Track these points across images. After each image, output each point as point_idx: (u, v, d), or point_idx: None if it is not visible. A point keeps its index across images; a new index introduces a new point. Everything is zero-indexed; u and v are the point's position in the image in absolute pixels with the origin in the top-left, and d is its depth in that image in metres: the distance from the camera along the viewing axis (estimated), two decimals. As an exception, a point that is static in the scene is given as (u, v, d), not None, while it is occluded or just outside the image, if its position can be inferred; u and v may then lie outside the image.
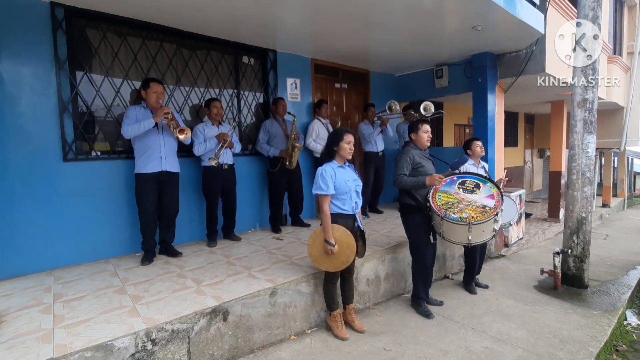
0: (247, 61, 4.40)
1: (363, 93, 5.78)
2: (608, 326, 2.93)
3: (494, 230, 2.91)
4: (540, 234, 6.19)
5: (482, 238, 2.95)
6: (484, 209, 2.85)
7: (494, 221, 2.85)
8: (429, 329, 2.84)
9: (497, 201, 2.88)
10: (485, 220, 2.79)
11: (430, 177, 2.88)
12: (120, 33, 3.45)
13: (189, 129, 3.21)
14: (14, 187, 2.90)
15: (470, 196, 2.96)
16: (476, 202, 2.91)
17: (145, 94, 3.15)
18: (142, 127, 3.03)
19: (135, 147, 3.18)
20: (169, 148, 3.26)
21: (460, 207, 2.88)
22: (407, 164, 2.96)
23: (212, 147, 3.61)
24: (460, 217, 2.82)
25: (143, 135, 3.10)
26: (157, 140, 3.17)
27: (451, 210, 2.87)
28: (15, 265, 2.92)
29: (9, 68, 2.86)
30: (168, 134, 3.24)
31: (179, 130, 3.15)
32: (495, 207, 2.84)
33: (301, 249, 3.52)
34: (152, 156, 3.15)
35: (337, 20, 3.55)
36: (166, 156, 3.21)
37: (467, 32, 3.96)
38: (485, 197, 2.93)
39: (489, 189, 2.98)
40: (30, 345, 1.90)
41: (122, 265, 3.17)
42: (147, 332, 2.04)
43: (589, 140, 3.72)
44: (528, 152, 11.45)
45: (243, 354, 2.43)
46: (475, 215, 2.82)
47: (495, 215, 2.81)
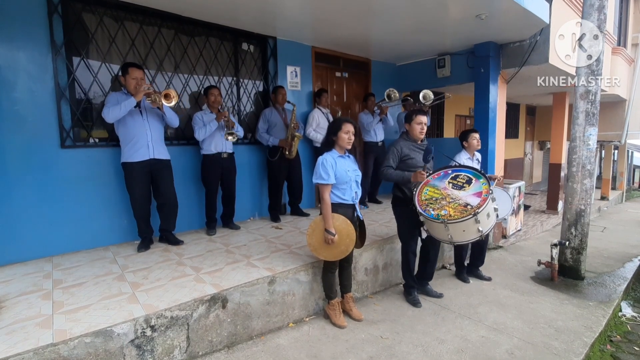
0: (246, 48, 4.34)
1: (364, 82, 5.72)
2: (603, 317, 2.96)
3: (479, 231, 2.64)
4: (539, 225, 6.22)
5: (465, 238, 2.72)
6: (465, 208, 2.62)
7: (475, 221, 2.59)
8: (425, 318, 2.87)
9: (482, 199, 2.62)
10: (461, 220, 2.56)
11: (414, 175, 2.78)
12: (117, 18, 3.39)
13: (175, 91, 3.00)
14: (12, 174, 2.88)
15: (456, 192, 2.75)
16: (460, 199, 2.69)
17: (124, 80, 3.01)
18: (123, 107, 2.88)
19: (120, 135, 3.08)
20: (156, 135, 3.15)
21: (442, 204, 2.69)
22: (394, 155, 2.89)
23: (213, 129, 3.55)
24: (438, 214, 2.64)
25: (127, 122, 3.01)
26: (142, 127, 3.06)
27: (432, 206, 2.70)
28: (14, 251, 2.92)
29: (4, 52, 2.82)
30: (153, 120, 3.14)
31: (164, 95, 2.93)
32: (477, 205, 2.59)
33: (300, 238, 3.53)
34: (138, 144, 3.05)
35: (338, 6, 3.49)
36: (153, 143, 3.11)
37: (470, 20, 3.89)
38: (472, 195, 2.69)
39: (479, 186, 2.73)
40: (30, 330, 1.92)
41: (121, 252, 3.18)
42: (147, 319, 2.06)
43: (591, 133, 3.70)
44: (529, 144, 11.41)
45: (242, 341, 2.45)
46: (453, 214, 2.61)
47: (474, 215, 2.54)
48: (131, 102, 2.90)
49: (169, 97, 2.95)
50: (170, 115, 3.21)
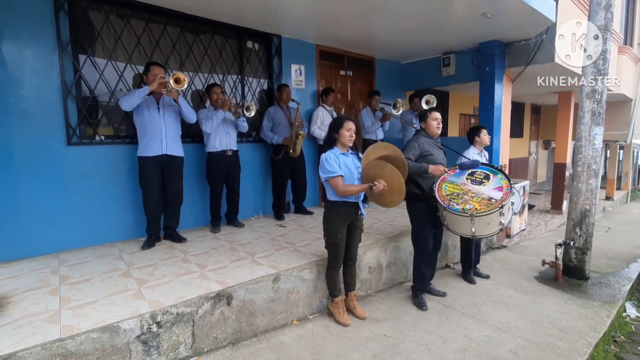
0: (251, 46, 4.34)
1: (368, 80, 5.71)
2: (607, 317, 2.95)
3: (501, 223, 2.77)
4: (543, 225, 6.20)
5: (488, 231, 2.84)
6: (489, 201, 2.75)
7: (500, 214, 2.72)
8: (429, 317, 2.87)
9: (505, 194, 2.76)
10: (489, 213, 2.68)
11: (434, 167, 2.84)
12: (123, 15, 3.40)
13: (184, 75, 3.00)
14: (19, 171, 2.91)
15: (477, 187, 2.87)
16: (482, 193, 2.81)
17: (147, 78, 3.09)
18: (137, 95, 2.95)
19: (138, 130, 3.17)
20: (171, 131, 3.21)
21: (465, 199, 2.80)
22: (415, 149, 2.92)
23: (220, 118, 3.56)
24: (464, 208, 2.73)
25: (145, 117, 3.08)
26: (158, 123, 3.13)
27: (455, 201, 2.80)
28: (21, 247, 2.95)
29: (12, 49, 2.84)
30: (170, 117, 3.20)
31: (174, 79, 2.93)
32: (502, 199, 2.72)
33: (304, 236, 3.54)
34: (153, 139, 3.12)
35: (343, 4, 3.48)
36: (167, 139, 3.17)
37: (476, 18, 3.87)
38: (493, 189, 2.82)
39: (498, 181, 2.86)
40: (38, 325, 1.94)
41: (127, 249, 3.20)
42: (153, 315, 2.08)
43: (596, 132, 3.67)
44: (533, 143, 11.35)
45: (246, 338, 2.47)
46: (479, 207, 2.72)
47: (500, 208, 2.68)
48: (144, 90, 2.97)
49: (180, 81, 2.96)
50: (186, 109, 3.24)
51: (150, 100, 3.13)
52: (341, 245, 2.63)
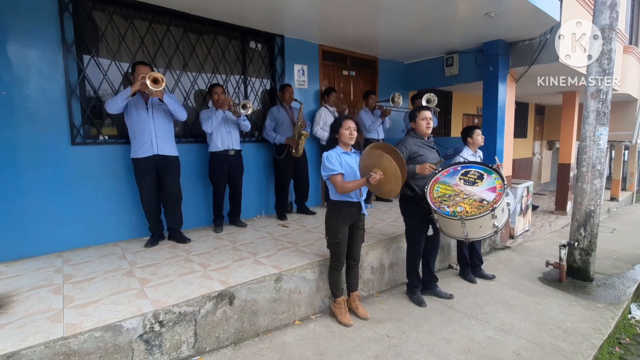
0: (254, 46, 4.35)
1: (371, 80, 5.70)
2: (612, 319, 2.92)
3: (495, 226, 2.64)
4: (547, 226, 6.16)
5: (481, 234, 2.72)
6: (481, 203, 2.62)
7: (492, 217, 2.58)
8: (432, 318, 2.86)
9: (497, 195, 2.62)
10: (479, 216, 2.56)
11: (420, 166, 2.77)
12: (126, 16, 3.42)
13: (161, 75, 2.87)
14: (23, 170, 2.93)
15: (470, 188, 2.74)
16: (474, 195, 2.69)
17: (134, 78, 3.04)
18: (120, 97, 2.93)
19: (129, 132, 3.15)
20: (161, 131, 3.16)
21: (457, 200, 2.68)
22: (402, 153, 2.83)
23: (219, 117, 3.56)
24: (454, 211, 2.61)
25: (133, 118, 3.07)
26: (147, 123, 3.10)
27: (446, 203, 2.68)
28: (25, 246, 2.97)
29: (16, 50, 2.86)
30: (159, 117, 3.16)
31: (152, 80, 2.80)
32: (494, 201, 2.59)
33: (306, 236, 3.54)
34: (143, 140, 3.09)
35: (346, 5, 3.47)
36: (157, 139, 3.13)
37: (479, 18, 3.86)
38: (486, 190, 2.69)
39: (492, 181, 2.73)
40: (42, 324, 1.95)
41: (130, 248, 3.22)
42: (155, 314, 2.08)
43: (601, 132, 3.64)
44: (537, 143, 11.28)
45: (248, 337, 2.47)
46: (470, 210, 2.60)
47: (491, 211, 2.55)
48: (126, 92, 2.95)
49: (158, 82, 2.85)
50: (174, 107, 3.17)
51: (139, 101, 3.09)
52: (343, 245, 2.63)
